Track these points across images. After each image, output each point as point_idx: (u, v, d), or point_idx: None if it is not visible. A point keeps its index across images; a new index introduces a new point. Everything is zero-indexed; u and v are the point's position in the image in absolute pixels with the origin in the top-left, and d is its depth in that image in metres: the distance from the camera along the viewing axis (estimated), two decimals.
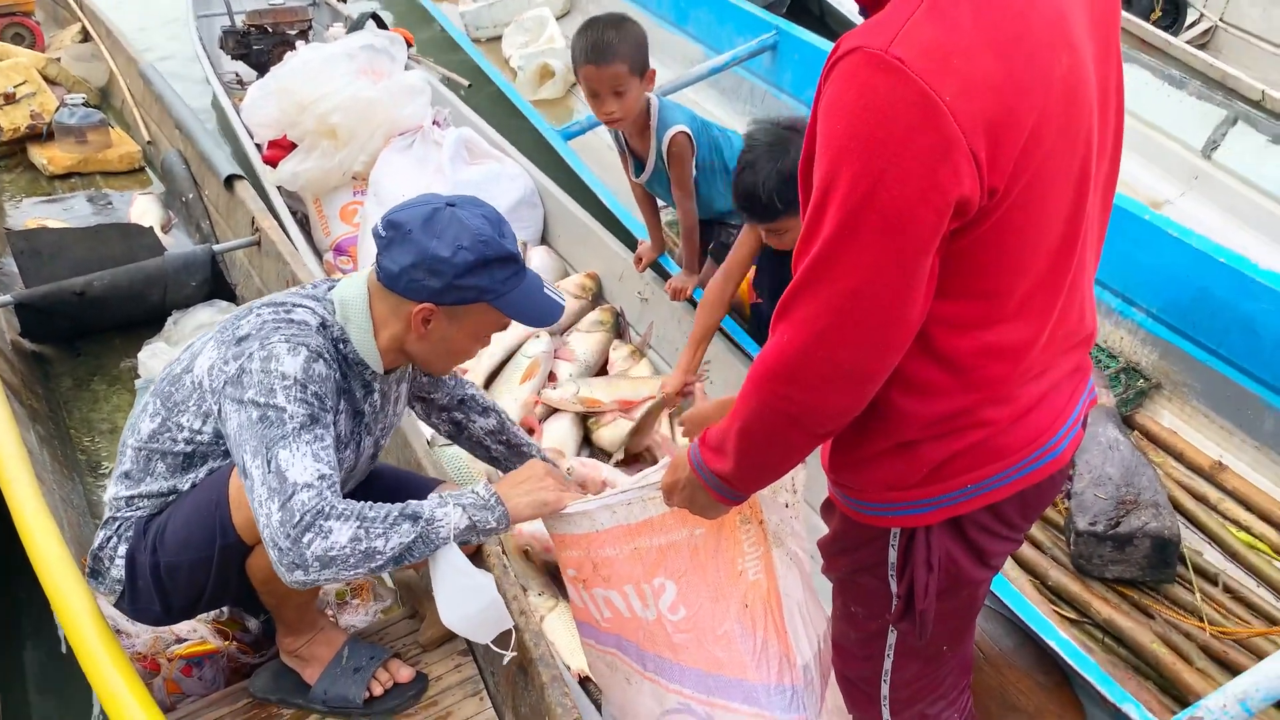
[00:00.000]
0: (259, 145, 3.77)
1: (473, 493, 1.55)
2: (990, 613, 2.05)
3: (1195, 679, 1.99)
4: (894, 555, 1.26)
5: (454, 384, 1.96)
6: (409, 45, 4.00)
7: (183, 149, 3.83)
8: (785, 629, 1.50)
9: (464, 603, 1.50)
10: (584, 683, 1.97)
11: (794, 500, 1.52)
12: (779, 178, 1.97)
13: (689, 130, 2.59)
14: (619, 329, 3.07)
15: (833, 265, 1.00)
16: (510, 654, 1.58)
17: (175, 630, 1.90)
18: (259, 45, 4.60)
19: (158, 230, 3.32)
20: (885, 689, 1.41)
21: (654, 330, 3.01)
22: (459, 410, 1.96)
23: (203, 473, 1.61)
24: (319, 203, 3.58)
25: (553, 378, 2.86)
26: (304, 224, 3.59)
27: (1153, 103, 3.98)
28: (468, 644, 1.92)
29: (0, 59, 4.40)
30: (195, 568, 1.59)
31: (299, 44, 4.37)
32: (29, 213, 3.72)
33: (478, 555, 1.84)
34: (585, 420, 2.74)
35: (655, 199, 2.93)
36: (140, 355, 2.83)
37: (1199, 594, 2.19)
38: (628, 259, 3.06)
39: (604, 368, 2.97)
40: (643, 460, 2.66)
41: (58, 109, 4.09)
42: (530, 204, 3.50)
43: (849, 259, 0.99)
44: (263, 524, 1.41)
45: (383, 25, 4.49)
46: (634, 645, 1.58)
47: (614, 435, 2.66)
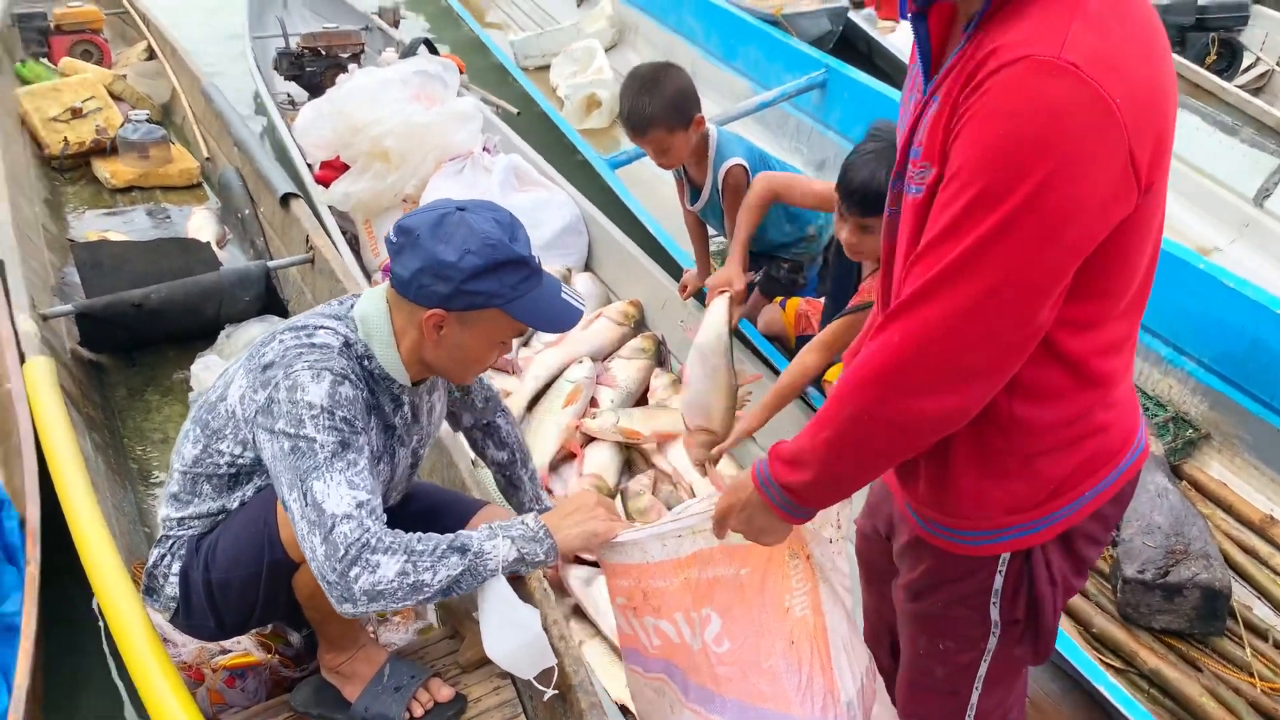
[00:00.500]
0: (310, 165, 3.84)
1: (522, 524, 1.55)
2: None
3: None
4: (999, 581, 1.24)
5: (483, 407, 1.96)
6: (461, 72, 4.08)
7: (240, 166, 3.92)
8: (830, 665, 1.49)
9: (509, 638, 1.50)
10: (622, 711, 1.96)
11: (838, 536, 1.51)
12: None
13: (746, 164, 2.62)
14: (660, 357, 3.08)
15: (976, 266, 0.99)
16: (551, 691, 1.58)
17: (220, 641, 1.92)
18: (312, 67, 4.70)
19: (213, 245, 3.39)
20: None
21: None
22: (480, 432, 2.00)
23: (250, 490, 1.63)
24: (369, 224, 3.65)
25: (594, 403, 2.88)
26: (354, 244, 3.63)
27: (1204, 149, 3.96)
28: None
29: (69, 75, 4.56)
30: (246, 584, 1.61)
31: (351, 67, 4.44)
32: (91, 224, 3.82)
33: (519, 581, 1.84)
34: (627, 447, 2.75)
35: (706, 227, 2.96)
36: (193, 368, 2.89)
37: (1249, 649, 2.15)
38: (671, 287, 3.07)
39: (644, 395, 2.98)
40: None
41: (122, 124, 4.21)
42: (576, 231, 3.53)
43: (995, 260, 0.98)
44: (309, 557, 1.42)
45: (434, 51, 4.57)
46: (680, 672, 1.58)
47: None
